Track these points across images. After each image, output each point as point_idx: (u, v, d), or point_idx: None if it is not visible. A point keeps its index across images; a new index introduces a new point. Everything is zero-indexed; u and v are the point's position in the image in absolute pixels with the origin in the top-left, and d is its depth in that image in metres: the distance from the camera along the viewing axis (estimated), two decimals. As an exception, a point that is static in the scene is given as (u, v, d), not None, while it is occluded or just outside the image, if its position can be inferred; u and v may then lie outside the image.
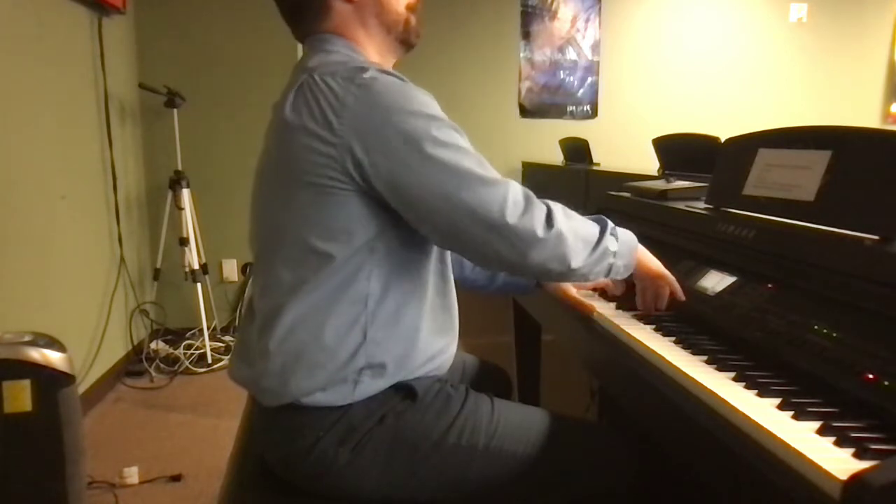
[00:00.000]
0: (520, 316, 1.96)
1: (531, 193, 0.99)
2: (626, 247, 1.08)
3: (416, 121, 0.93)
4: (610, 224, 1.07)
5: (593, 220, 1.07)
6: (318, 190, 0.95)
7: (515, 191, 0.96)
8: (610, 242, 1.05)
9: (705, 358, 0.96)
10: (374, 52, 1.09)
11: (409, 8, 1.11)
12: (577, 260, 1.00)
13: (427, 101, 0.96)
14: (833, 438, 0.70)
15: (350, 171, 0.93)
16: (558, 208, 1.00)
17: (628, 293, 1.23)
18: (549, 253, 0.97)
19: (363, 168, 0.93)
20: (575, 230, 1.00)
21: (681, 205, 1.45)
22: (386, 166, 0.92)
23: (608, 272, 1.06)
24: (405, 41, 1.12)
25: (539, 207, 0.97)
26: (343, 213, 0.95)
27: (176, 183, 3.25)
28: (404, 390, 1.02)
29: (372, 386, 0.99)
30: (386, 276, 0.99)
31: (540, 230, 0.95)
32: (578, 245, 1.00)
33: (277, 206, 1.00)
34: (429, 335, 1.05)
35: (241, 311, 3.44)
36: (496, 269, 1.04)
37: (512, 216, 0.94)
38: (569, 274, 1.01)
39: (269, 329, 1.00)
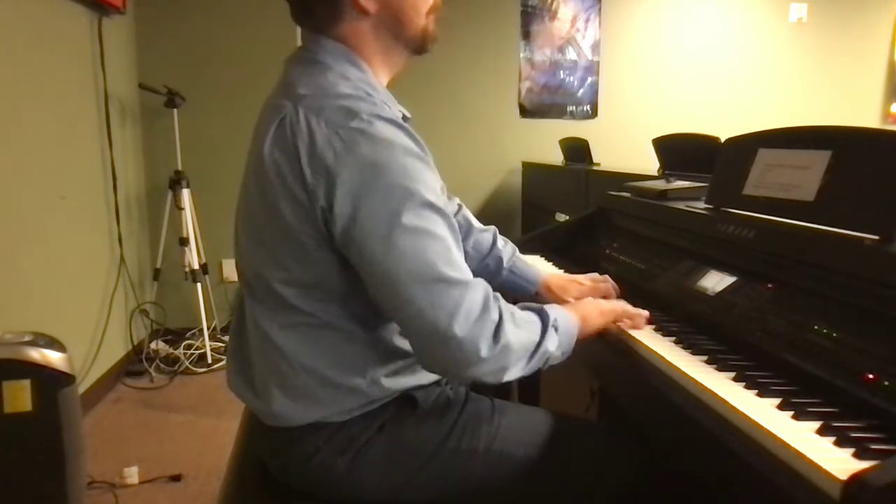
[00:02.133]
0: (520, 316, 1.96)
1: (489, 300, 0.89)
2: (566, 336, 0.99)
3: (391, 195, 0.86)
4: (551, 317, 0.97)
5: (534, 312, 0.97)
6: (293, 240, 0.91)
7: (473, 297, 0.87)
8: (550, 342, 0.95)
9: (705, 358, 0.96)
10: (381, 64, 1.02)
11: (431, 11, 1.02)
12: (514, 371, 0.92)
13: (412, 170, 0.88)
14: (833, 438, 0.70)
15: (320, 225, 0.88)
16: (507, 315, 0.90)
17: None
18: (486, 369, 0.89)
19: (329, 220, 0.88)
20: (520, 340, 0.91)
21: (681, 205, 1.45)
22: (346, 230, 0.87)
23: (545, 364, 0.97)
24: (420, 50, 1.05)
25: (490, 318, 0.88)
26: (318, 265, 0.92)
27: (176, 183, 3.25)
28: (403, 398, 1.01)
29: (372, 405, 0.99)
30: (382, 323, 0.98)
31: (485, 348, 0.86)
32: (520, 357, 0.92)
33: (258, 244, 0.97)
34: None
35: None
36: (428, 369, 0.96)
37: (461, 327, 0.85)
38: (501, 382, 0.92)
39: (267, 363, 0.99)
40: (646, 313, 1.12)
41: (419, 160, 0.90)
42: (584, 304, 1.12)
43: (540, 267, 1.50)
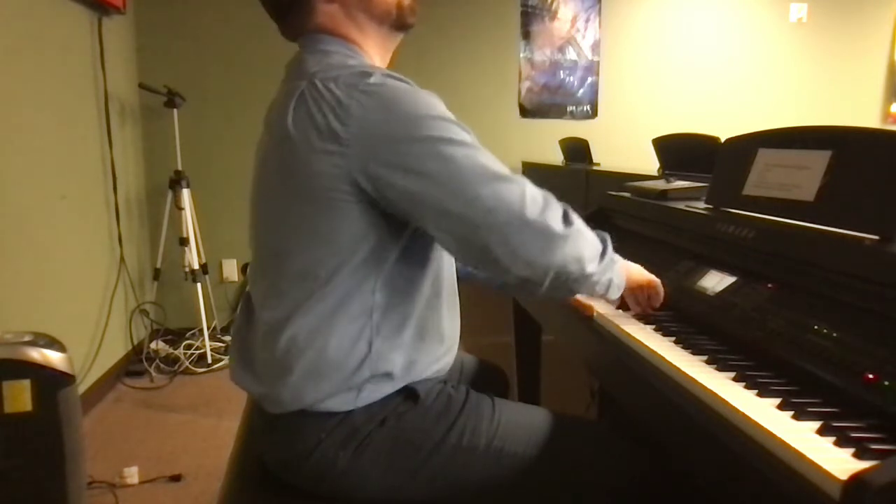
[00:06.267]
0: (520, 316, 1.96)
1: (546, 191, 0.96)
2: (619, 265, 1.07)
3: (427, 124, 0.90)
4: (608, 238, 1.05)
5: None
6: (324, 204, 0.92)
7: (532, 187, 0.94)
8: (611, 253, 1.03)
9: (705, 358, 0.96)
10: (371, 46, 1.06)
11: None
12: (592, 264, 0.98)
13: (433, 103, 0.93)
14: (833, 438, 0.70)
15: (360, 182, 0.90)
16: (570, 209, 0.98)
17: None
18: (568, 252, 0.94)
19: (379, 182, 0.90)
20: (588, 233, 0.99)
21: (681, 205, 1.45)
22: (404, 179, 0.89)
23: (608, 287, 1.04)
24: (401, 26, 1.08)
25: (555, 204, 0.95)
26: (348, 226, 0.93)
27: (176, 183, 3.26)
28: (406, 392, 1.02)
29: (375, 393, 0.99)
30: (390, 288, 0.98)
31: (559, 226, 0.93)
32: (593, 249, 0.98)
33: (280, 222, 0.98)
34: (432, 342, 1.05)
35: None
36: (515, 273, 0.94)
37: (532, 212, 0.91)
38: (583, 279, 0.98)
39: (272, 341, 0.99)
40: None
41: (434, 96, 0.95)
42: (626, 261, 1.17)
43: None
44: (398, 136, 0.90)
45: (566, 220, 0.95)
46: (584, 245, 0.96)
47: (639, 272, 1.15)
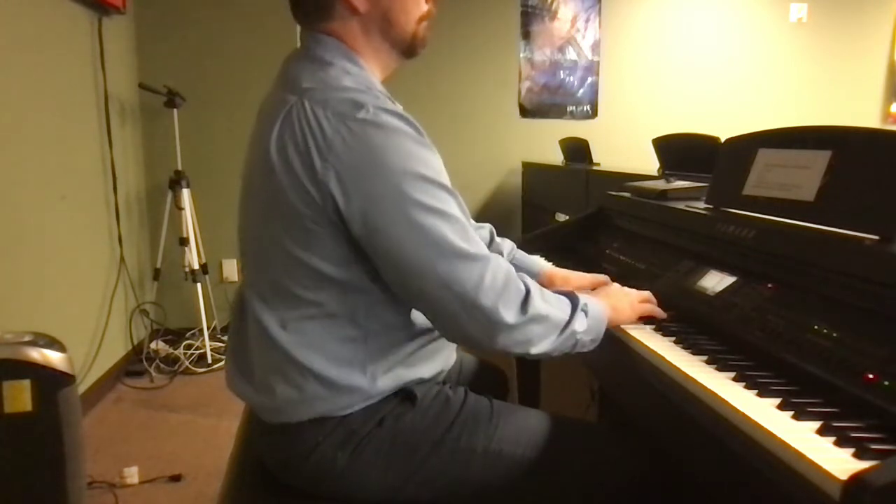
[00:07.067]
0: (520, 316, 1.95)
1: (512, 273, 0.94)
2: (595, 321, 1.03)
3: (403, 180, 0.88)
4: (581, 301, 1.02)
5: (564, 296, 1.02)
6: (300, 227, 0.92)
7: (495, 270, 0.91)
8: (578, 324, 1.00)
9: (705, 358, 0.96)
10: (374, 62, 1.05)
11: (422, 19, 1.05)
12: (542, 346, 0.96)
13: (423, 157, 0.91)
14: (833, 438, 0.70)
15: (331, 215, 0.90)
16: (535, 290, 0.96)
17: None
18: (515, 339, 0.93)
19: (341, 213, 0.89)
20: (548, 315, 0.96)
21: (681, 205, 1.45)
22: (364, 217, 0.89)
23: (573, 348, 1.01)
24: (410, 54, 1.07)
25: (516, 290, 0.93)
26: (327, 254, 0.93)
27: (176, 183, 3.26)
28: (403, 394, 1.02)
29: (372, 399, 1.00)
30: (383, 314, 0.98)
31: (512, 316, 0.91)
32: (548, 332, 0.96)
33: (261, 233, 0.98)
34: (429, 358, 1.05)
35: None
36: (458, 343, 0.99)
37: (486, 297, 0.89)
38: (529, 356, 0.97)
39: (268, 359, 0.99)
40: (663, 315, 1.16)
41: (425, 147, 0.93)
42: (616, 294, 1.15)
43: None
44: (372, 188, 0.88)
45: (524, 307, 0.92)
46: (534, 333, 0.94)
47: (627, 312, 1.12)
